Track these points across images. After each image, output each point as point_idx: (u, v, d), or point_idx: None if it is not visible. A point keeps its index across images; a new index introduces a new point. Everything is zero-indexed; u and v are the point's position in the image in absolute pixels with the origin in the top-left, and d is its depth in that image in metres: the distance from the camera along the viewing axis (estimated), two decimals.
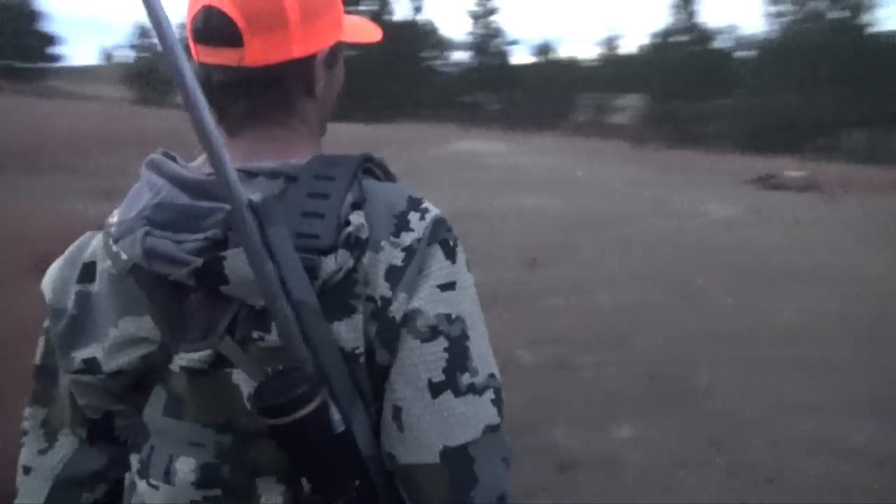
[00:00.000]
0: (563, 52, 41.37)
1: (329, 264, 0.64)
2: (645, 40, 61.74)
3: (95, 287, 0.71)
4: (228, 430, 0.68)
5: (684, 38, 29.51)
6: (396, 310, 0.66)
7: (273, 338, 0.64)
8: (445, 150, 16.51)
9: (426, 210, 0.71)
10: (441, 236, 0.70)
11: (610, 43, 58.99)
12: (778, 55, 21.69)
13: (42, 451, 0.78)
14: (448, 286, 0.68)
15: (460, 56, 40.10)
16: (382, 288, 0.66)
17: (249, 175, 0.68)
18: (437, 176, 11.25)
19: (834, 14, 20.61)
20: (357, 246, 0.65)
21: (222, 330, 0.66)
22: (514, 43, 39.67)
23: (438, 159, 14.36)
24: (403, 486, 0.68)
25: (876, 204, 11.05)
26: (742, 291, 5.70)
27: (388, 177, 0.75)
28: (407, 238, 0.68)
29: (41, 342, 0.77)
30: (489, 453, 0.67)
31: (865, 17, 20.95)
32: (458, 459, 0.66)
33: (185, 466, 0.69)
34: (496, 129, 38.56)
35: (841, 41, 20.34)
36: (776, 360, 4.30)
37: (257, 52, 0.69)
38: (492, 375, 0.69)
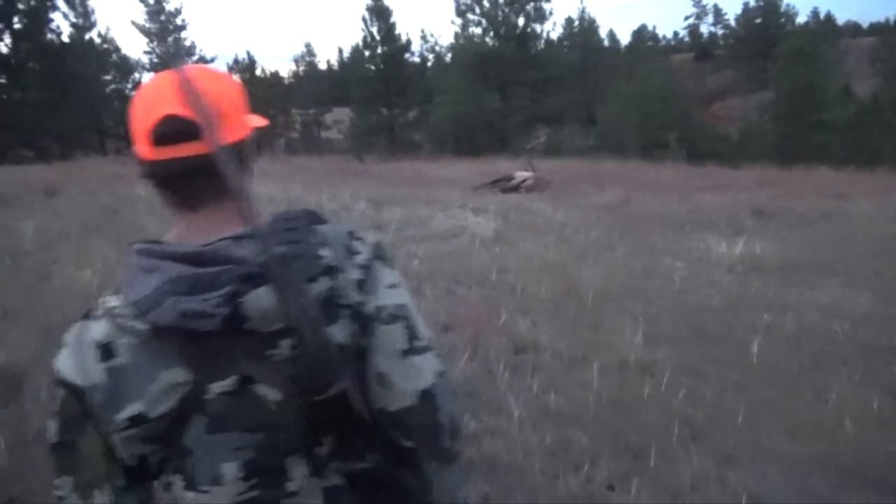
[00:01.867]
0: (258, 68, 39.36)
1: (316, 288, 0.87)
2: (339, 53, 63.11)
3: (119, 360, 0.86)
4: (261, 430, 0.89)
5: (380, 49, 30.04)
6: (368, 308, 0.92)
7: (281, 351, 0.86)
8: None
9: (364, 238, 0.99)
10: (379, 253, 0.99)
11: (307, 57, 59.10)
12: (467, 64, 23.24)
13: None
14: (393, 286, 0.97)
15: (147, 79, 36.02)
16: (355, 296, 0.92)
17: (237, 239, 0.86)
18: (132, 216, 9.55)
19: (515, 24, 22.61)
20: (331, 272, 0.90)
21: (243, 357, 0.86)
22: (210, 61, 36.81)
23: (131, 197, 12.31)
24: (396, 428, 0.95)
25: (591, 193, 12.18)
26: None
27: (322, 221, 0.98)
28: (359, 259, 0.94)
29: (55, 423, 0.90)
30: (443, 389, 0.97)
31: (544, 26, 23.48)
32: (427, 396, 0.94)
33: (232, 467, 0.89)
34: None
35: (526, 49, 22.66)
36: None
37: (211, 142, 0.86)
38: (430, 337, 0.99)
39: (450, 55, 25.12)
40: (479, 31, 23.04)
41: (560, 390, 3.72)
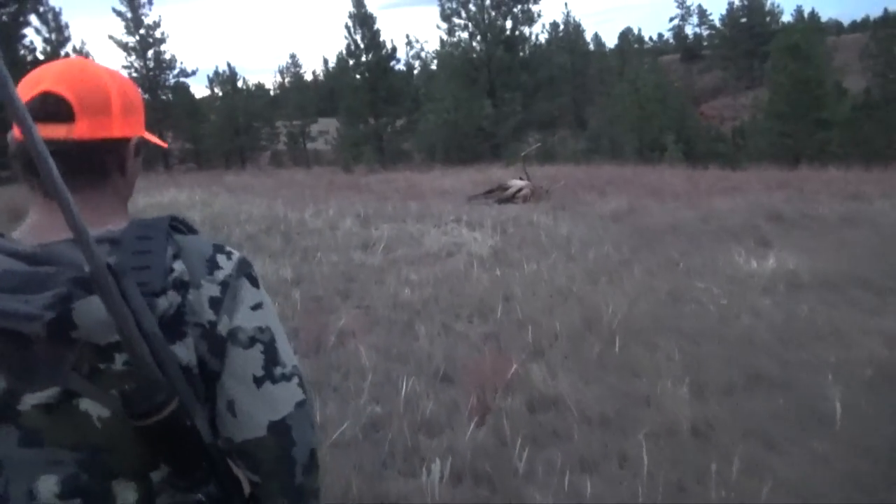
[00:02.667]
0: (241, 81, 38.47)
1: (163, 303, 0.81)
2: (324, 64, 62.44)
3: None
4: (83, 448, 0.81)
5: (365, 58, 29.24)
6: (222, 329, 0.87)
7: (116, 366, 0.80)
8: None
9: (230, 252, 0.92)
10: (246, 271, 0.92)
11: (292, 68, 58.38)
12: (455, 69, 22.45)
13: None
14: (257, 306, 0.91)
15: None
16: (208, 314, 0.86)
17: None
18: None
19: (502, 27, 21.85)
20: (182, 286, 0.84)
21: (68, 368, 0.78)
22: (192, 74, 35.92)
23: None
24: (241, 458, 0.90)
25: (593, 201, 11.41)
26: None
27: (192, 231, 0.92)
28: (220, 275, 0.88)
29: None
30: (302, 422, 0.91)
31: (532, 29, 22.71)
32: (279, 429, 0.89)
33: (48, 483, 0.81)
34: (190, 170, 34.98)
35: (514, 53, 21.89)
36: None
37: (85, 128, 0.85)
38: (295, 366, 0.93)
39: (436, 61, 24.24)
40: (465, 35, 22.37)
41: (596, 470, 2.91)
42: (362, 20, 28.39)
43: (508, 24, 21.93)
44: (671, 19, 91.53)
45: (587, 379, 3.79)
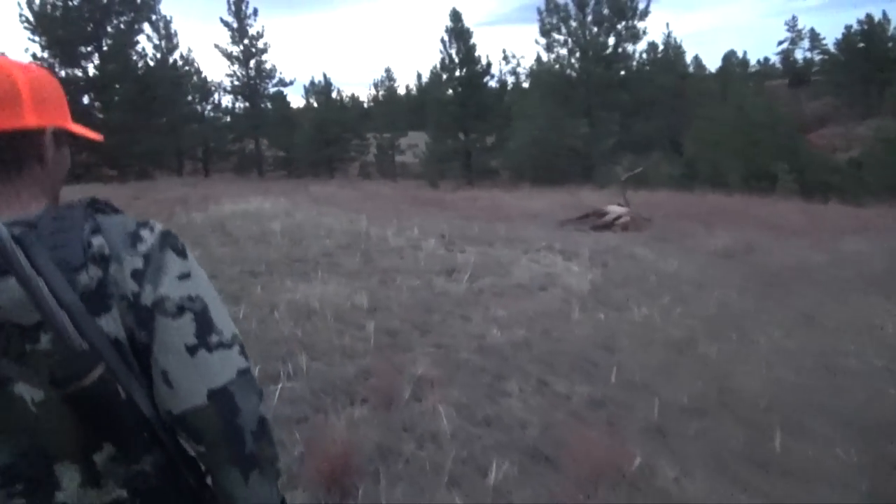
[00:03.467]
0: (335, 92, 39.04)
1: (83, 278, 0.82)
2: (418, 78, 62.95)
3: None
4: (20, 433, 0.81)
5: (458, 73, 28.88)
6: (146, 299, 0.86)
7: (44, 344, 0.80)
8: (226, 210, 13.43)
9: (153, 226, 0.93)
10: (171, 242, 0.92)
11: (387, 82, 59.17)
12: (551, 86, 21.60)
13: None
14: (184, 276, 0.90)
15: (225, 100, 36.10)
16: (131, 286, 0.86)
17: None
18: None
19: (604, 44, 20.86)
20: (102, 260, 0.84)
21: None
22: (289, 84, 36.80)
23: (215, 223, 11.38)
24: (184, 431, 0.88)
25: (699, 233, 10.32)
26: None
27: (116, 212, 0.93)
28: (142, 248, 0.88)
29: None
30: (245, 389, 0.89)
31: (636, 47, 21.56)
32: (221, 397, 0.87)
33: None
34: (281, 179, 35.75)
35: (613, 71, 20.85)
36: None
37: None
38: (235, 334, 0.92)
39: (530, 78, 23.42)
40: (564, 51, 21.51)
41: None
42: (458, 34, 28.07)
43: (611, 41, 20.92)
44: (779, 42, 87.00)
45: (734, 482, 2.90)
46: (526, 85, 25.85)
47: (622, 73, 21.11)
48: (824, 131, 58.64)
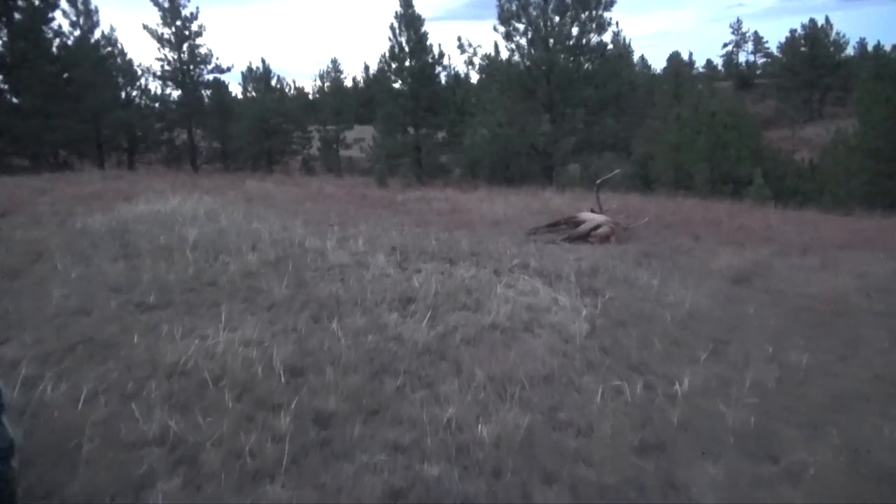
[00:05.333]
0: (275, 80, 36.50)
1: None
2: (365, 70, 60.60)
3: None
4: None
5: (409, 62, 26.95)
6: None
7: None
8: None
9: None
10: None
11: (333, 73, 56.61)
12: (511, 79, 19.98)
13: None
14: None
15: (155, 86, 33.12)
16: None
17: None
18: (46, 270, 6.52)
19: (568, 34, 19.27)
20: None
21: None
22: (227, 70, 34.07)
23: (80, 234, 9.31)
24: None
25: (691, 247, 8.84)
26: None
27: None
28: None
29: None
30: None
31: (602, 38, 20.03)
32: None
33: None
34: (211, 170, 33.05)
35: (581, 63, 19.31)
36: None
37: None
38: None
39: (488, 69, 21.71)
40: (524, 41, 19.92)
41: None
42: (409, 22, 26.16)
43: (574, 30, 19.45)
44: (724, 45, 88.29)
45: None
46: (482, 77, 24.11)
47: (587, 66, 19.65)
48: (770, 134, 59.25)
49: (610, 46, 20.19)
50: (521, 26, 19.86)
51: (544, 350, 4.89)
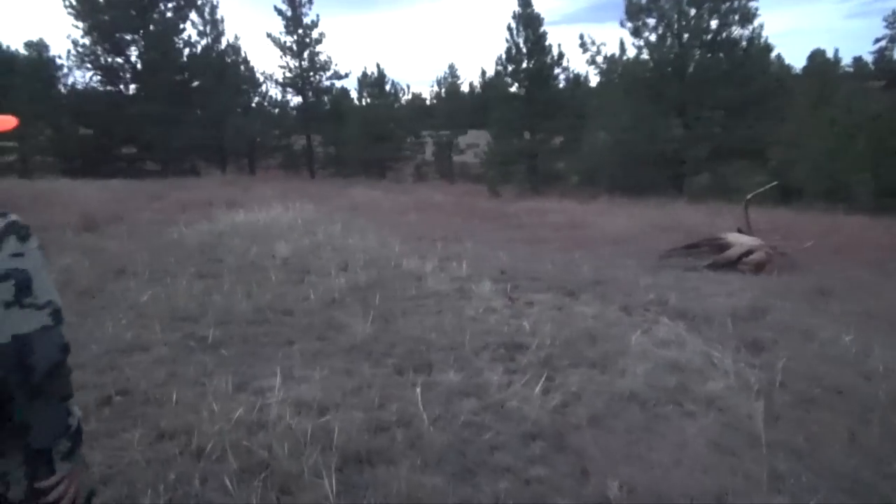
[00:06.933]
0: (389, 84, 36.18)
1: None
2: (482, 75, 59.81)
3: None
4: None
5: (526, 64, 25.60)
6: None
7: None
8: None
9: (4, 215, 1.30)
10: (14, 230, 1.28)
11: (450, 78, 56.27)
12: (639, 79, 18.11)
13: None
14: (17, 255, 1.26)
15: (275, 93, 33.90)
16: None
17: None
18: (132, 285, 5.89)
19: (706, 27, 17.15)
20: None
21: None
22: (344, 76, 34.31)
23: (176, 246, 8.88)
24: None
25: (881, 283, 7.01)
26: None
27: None
28: None
29: None
30: (43, 340, 1.27)
31: (745, 31, 17.69)
32: (20, 340, 1.25)
33: None
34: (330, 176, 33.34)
35: (722, 60, 17.11)
36: None
37: None
38: (50, 301, 1.30)
39: (613, 68, 19.91)
40: (653, 37, 17.98)
41: None
42: (527, 21, 24.83)
43: (713, 23, 17.30)
44: (876, 41, 79.76)
45: None
46: (603, 80, 22.27)
47: (726, 64, 17.33)
48: None
49: (755, 39, 17.76)
50: (651, 21, 18.00)
51: (704, 444, 3.49)
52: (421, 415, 3.65)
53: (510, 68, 26.05)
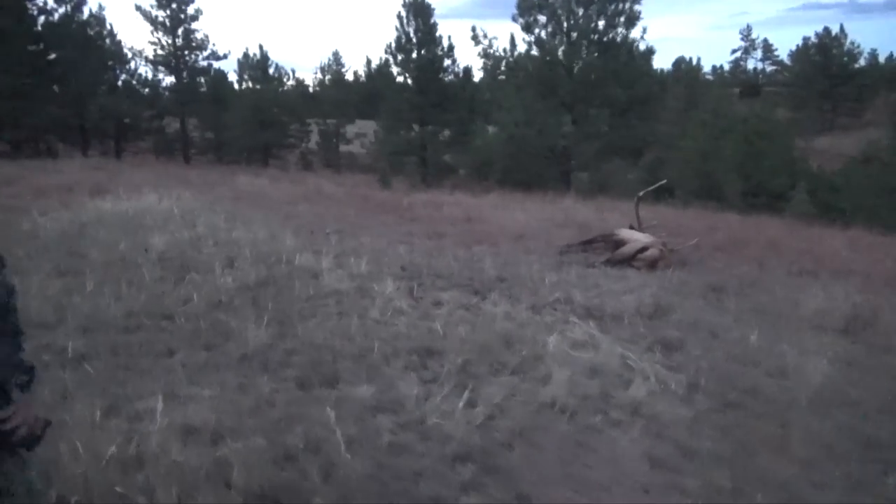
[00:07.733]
0: (273, 68, 34.55)
1: None
2: (367, 64, 58.88)
3: None
4: None
5: (416, 54, 25.21)
6: None
7: None
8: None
9: None
10: None
11: (334, 66, 54.87)
12: (531, 74, 18.30)
13: None
14: None
15: (144, 71, 31.34)
16: None
17: None
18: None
19: (594, 27, 17.57)
20: None
21: None
22: (223, 57, 32.27)
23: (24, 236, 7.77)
24: None
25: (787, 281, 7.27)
26: None
27: None
28: None
29: None
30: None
31: (631, 33, 18.28)
32: None
33: None
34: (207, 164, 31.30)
35: (609, 59, 17.59)
36: None
37: None
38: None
39: (505, 64, 20.00)
40: (543, 34, 18.26)
41: None
42: (418, 9, 24.47)
43: (601, 24, 17.79)
44: (733, 51, 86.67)
45: None
46: (496, 73, 22.40)
47: (614, 64, 17.90)
48: None
49: (638, 43, 18.52)
50: (542, 17, 18.23)
51: (638, 457, 3.30)
52: (333, 438, 3.19)
53: (400, 57, 25.62)
